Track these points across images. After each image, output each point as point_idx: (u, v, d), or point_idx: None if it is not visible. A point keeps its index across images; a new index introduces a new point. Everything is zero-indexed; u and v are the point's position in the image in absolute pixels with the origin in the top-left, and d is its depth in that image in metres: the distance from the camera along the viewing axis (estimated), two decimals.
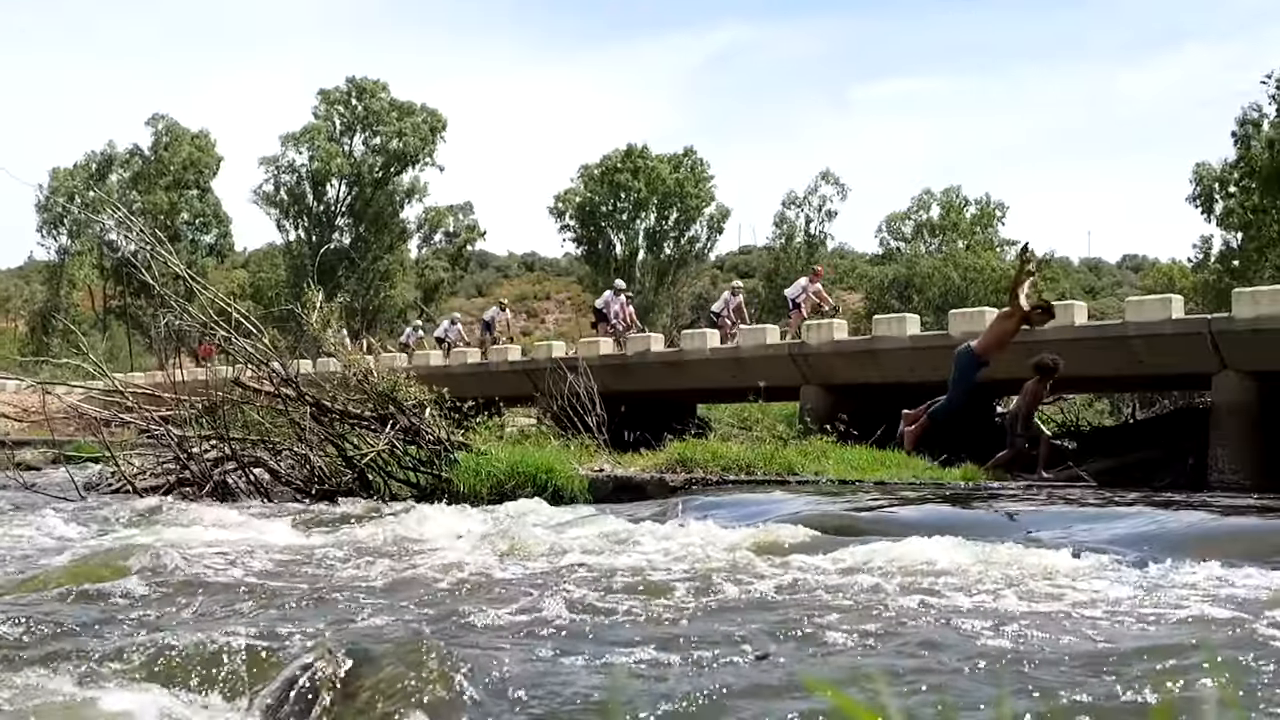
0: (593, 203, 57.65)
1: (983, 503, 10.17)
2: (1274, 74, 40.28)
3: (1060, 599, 5.14)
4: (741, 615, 4.71)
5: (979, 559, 6.22)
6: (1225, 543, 6.68)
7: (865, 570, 5.94)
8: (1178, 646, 3.98)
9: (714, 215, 59.39)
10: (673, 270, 58.62)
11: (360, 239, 58.07)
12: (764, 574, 5.89)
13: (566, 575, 5.96)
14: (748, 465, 14.52)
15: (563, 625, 4.40)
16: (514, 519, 9.95)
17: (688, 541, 7.45)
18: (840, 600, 5.09)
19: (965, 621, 4.49)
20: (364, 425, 14.83)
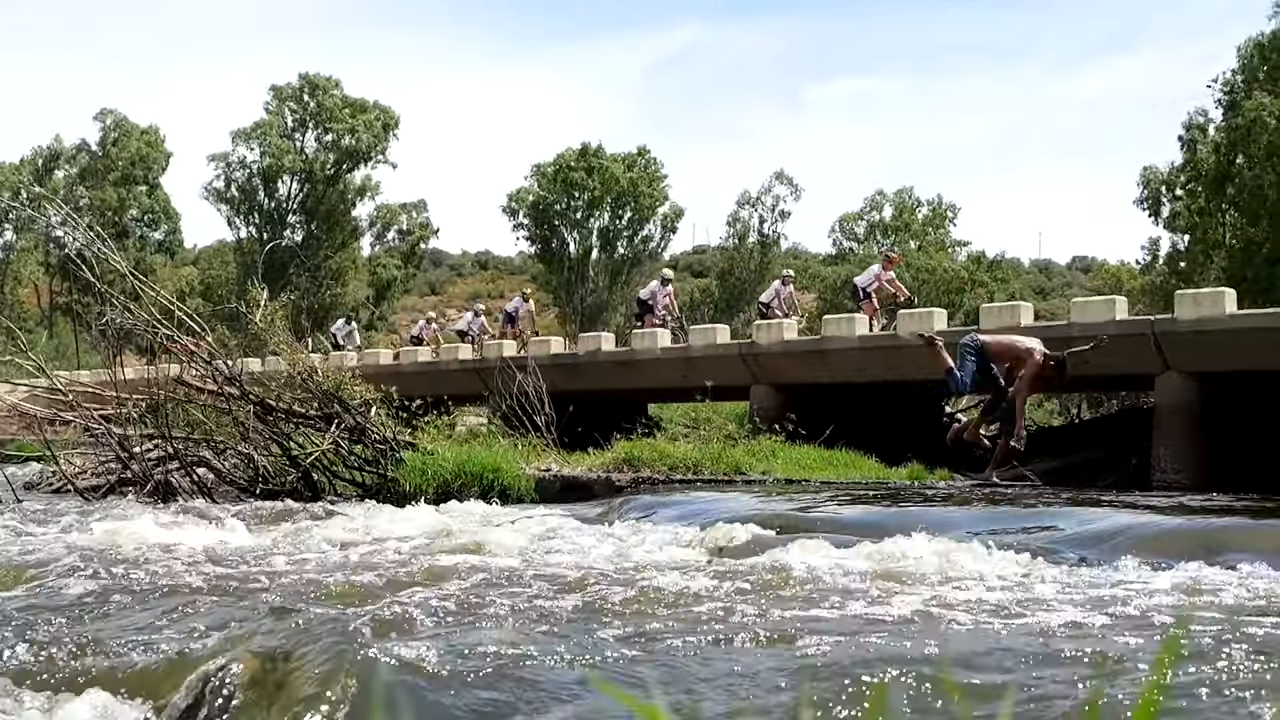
0: (546, 201, 57.50)
1: (925, 503, 10.23)
2: (1220, 78, 40.82)
3: (974, 598, 5.15)
4: (659, 613, 4.69)
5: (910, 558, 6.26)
6: (1145, 542, 6.76)
7: (796, 570, 5.95)
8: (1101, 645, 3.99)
9: (668, 215, 59.39)
10: (626, 269, 58.53)
11: (312, 236, 57.60)
12: (694, 573, 5.89)
13: (500, 575, 5.93)
14: (695, 465, 14.55)
15: (490, 625, 4.37)
16: (455, 518, 9.89)
17: (624, 541, 7.45)
18: (760, 599, 5.09)
19: (888, 620, 4.50)
20: (309, 424, 14.72)
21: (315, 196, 57.33)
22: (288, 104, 57.71)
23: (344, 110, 56.59)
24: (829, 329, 21.35)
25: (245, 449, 14.49)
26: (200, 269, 62.88)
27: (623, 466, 14.44)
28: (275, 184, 57.22)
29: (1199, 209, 41.53)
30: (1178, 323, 16.79)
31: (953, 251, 58.44)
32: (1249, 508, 9.83)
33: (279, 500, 13.27)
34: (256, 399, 14.57)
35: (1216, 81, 40.86)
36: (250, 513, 11.12)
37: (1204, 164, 41.05)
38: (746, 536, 7.70)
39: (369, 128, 56.43)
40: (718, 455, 15.08)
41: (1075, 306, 18.74)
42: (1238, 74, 40.05)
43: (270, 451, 14.57)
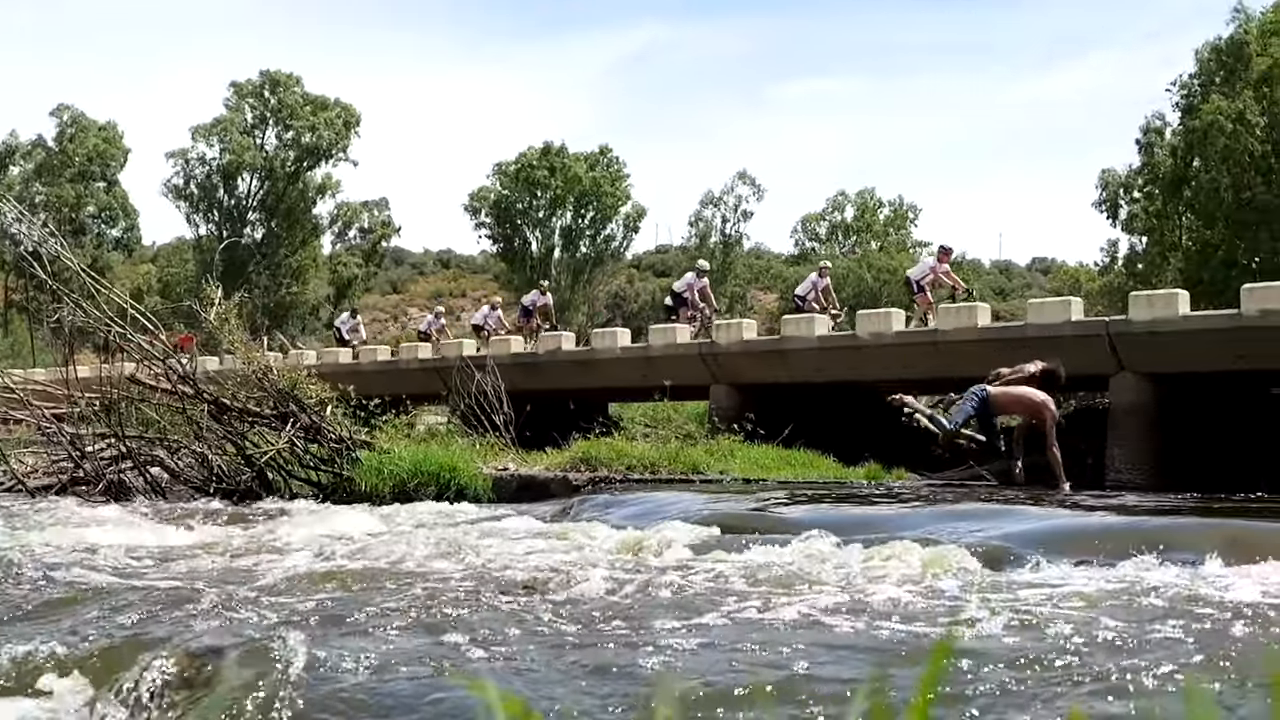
0: (508, 200, 57.39)
1: (880, 502, 10.28)
2: (1178, 82, 41.23)
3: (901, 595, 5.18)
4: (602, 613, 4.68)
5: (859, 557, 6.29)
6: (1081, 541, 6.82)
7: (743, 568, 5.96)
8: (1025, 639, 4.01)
9: (630, 214, 59.41)
10: (588, 269, 58.53)
11: (272, 234, 57.23)
12: (642, 572, 5.89)
13: (445, 574, 5.91)
14: (652, 464, 14.55)
15: (428, 624, 4.35)
16: (408, 518, 9.84)
17: (575, 541, 7.44)
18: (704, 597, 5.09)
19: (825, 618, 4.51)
20: (264, 423, 14.62)
21: (275, 194, 56.96)
22: (248, 100, 57.33)
23: (305, 107, 56.28)
24: (788, 329, 21.41)
25: (199, 448, 14.40)
26: (159, 267, 62.34)
27: (580, 466, 14.43)
28: (235, 181, 56.83)
29: (1156, 211, 41.98)
30: (1132, 324, 16.93)
31: (914, 252, 58.75)
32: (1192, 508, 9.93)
33: (234, 500, 13.20)
34: (211, 398, 14.46)
35: (1175, 85, 41.30)
36: (202, 512, 11.03)
37: (1161, 167, 41.49)
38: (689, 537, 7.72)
39: (330, 125, 56.13)
40: (675, 455, 15.08)
41: (1032, 307, 18.88)
42: (1195, 78, 40.48)
43: (225, 451, 14.48)
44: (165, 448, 14.69)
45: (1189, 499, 11.35)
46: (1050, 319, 17.87)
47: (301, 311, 58.09)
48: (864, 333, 19.94)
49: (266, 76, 57.14)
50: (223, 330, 14.93)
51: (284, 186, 56.94)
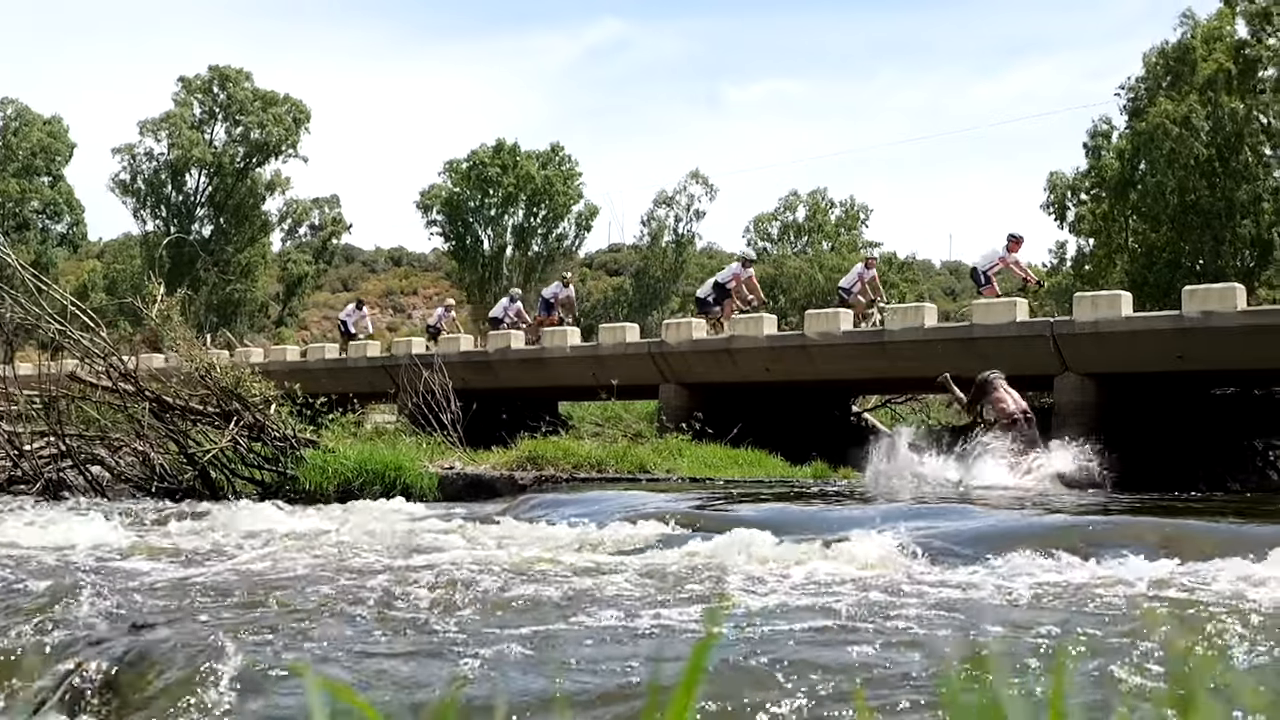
0: (460, 198, 57.16)
1: (824, 501, 10.31)
2: (1126, 85, 41.71)
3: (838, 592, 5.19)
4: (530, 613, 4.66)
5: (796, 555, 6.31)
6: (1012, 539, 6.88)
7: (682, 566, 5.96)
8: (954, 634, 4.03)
9: (582, 213, 59.37)
10: (541, 267, 58.36)
11: (220, 231, 56.69)
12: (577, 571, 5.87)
13: (378, 573, 5.86)
14: (599, 463, 14.54)
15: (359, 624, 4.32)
16: (349, 517, 9.77)
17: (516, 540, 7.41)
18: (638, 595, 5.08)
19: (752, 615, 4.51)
20: (207, 421, 14.46)
21: (224, 190, 56.41)
22: (196, 96, 56.75)
23: (254, 103, 55.79)
24: (736, 328, 21.44)
25: (141, 447, 14.22)
26: (105, 263, 61.62)
27: (526, 465, 14.39)
28: (183, 177, 56.23)
29: (1103, 214, 42.46)
30: (1075, 325, 17.09)
31: (865, 252, 59.07)
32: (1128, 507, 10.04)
33: (176, 499, 13.05)
34: (153, 395, 14.27)
35: (1124, 89, 41.80)
36: (140, 512, 10.89)
37: (1108, 170, 41.98)
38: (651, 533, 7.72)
39: (280, 121, 55.67)
40: (623, 454, 15.08)
41: (978, 308, 19.02)
42: (1143, 81, 40.97)
43: (167, 449, 14.31)
44: (106, 446, 14.48)
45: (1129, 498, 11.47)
46: (996, 320, 18.00)
47: (250, 309, 57.52)
48: (812, 333, 20.00)
49: (216, 72, 56.60)
50: (165, 327, 14.76)
51: (233, 183, 56.41)
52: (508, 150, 57.13)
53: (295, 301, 61.95)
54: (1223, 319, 15.71)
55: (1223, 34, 38.87)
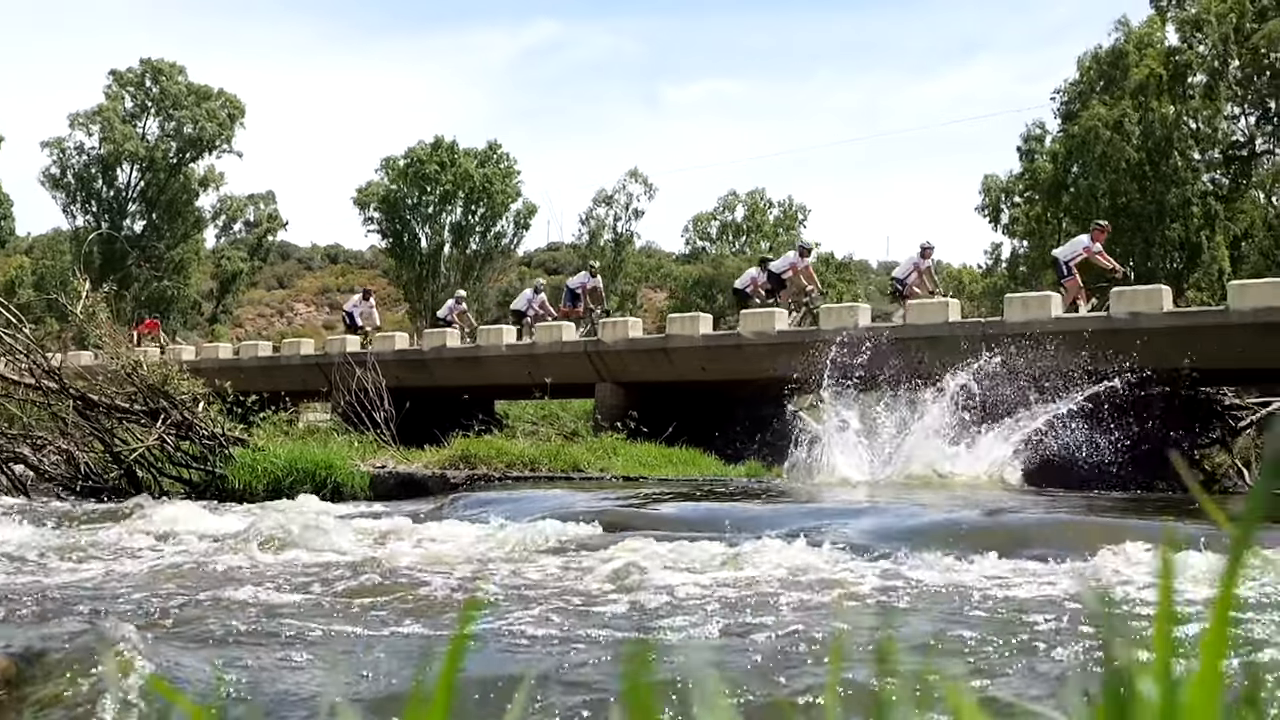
0: (397, 196, 56.77)
1: (755, 500, 10.33)
2: (1061, 89, 42.27)
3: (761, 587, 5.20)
4: (439, 613, 4.62)
5: (719, 553, 6.32)
6: (930, 537, 6.95)
7: (600, 565, 5.95)
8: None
9: (521, 211, 59.15)
10: (479, 265, 58.11)
11: (153, 227, 55.87)
12: (499, 570, 5.83)
13: (297, 573, 5.80)
14: (533, 462, 14.50)
15: (269, 623, 4.27)
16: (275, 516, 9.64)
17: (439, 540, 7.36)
18: (555, 593, 5.06)
19: (660, 612, 4.50)
20: (133, 420, 14.25)
21: (157, 185, 55.60)
22: (128, 89, 55.90)
23: (188, 97, 55.05)
24: (673, 327, 21.46)
25: (65, 445, 13.98)
26: (33, 259, 60.52)
27: (459, 463, 14.32)
28: (114, 172, 55.35)
29: (1036, 216, 42.99)
30: (1006, 325, 17.26)
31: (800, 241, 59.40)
32: (1048, 508, 10.16)
33: (102, 499, 12.85)
34: (77, 393, 14.05)
35: (1059, 93, 42.35)
36: (61, 511, 10.69)
37: (1041, 172, 42.51)
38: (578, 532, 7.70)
39: (214, 116, 54.97)
40: (556, 453, 15.06)
41: (912, 308, 19.15)
42: (1077, 85, 41.51)
43: (92, 448, 14.09)
44: (30, 445, 14.23)
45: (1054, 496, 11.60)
46: (930, 319, 18.15)
47: (183, 306, 56.77)
48: (747, 332, 20.06)
49: (148, 65, 55.77)
50: (90, 324, 14.52)
51: (165, 178, 55.61)
52: (446, 148, 56.80)
53: (230, 299, 61.24)
54: (1149, 320, 15.93)
55: (1154, 40, 39.49)
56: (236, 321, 62.04)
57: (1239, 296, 16.27)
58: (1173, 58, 38.93)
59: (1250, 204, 39.61)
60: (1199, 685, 0.49)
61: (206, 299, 58.91)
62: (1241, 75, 39.07)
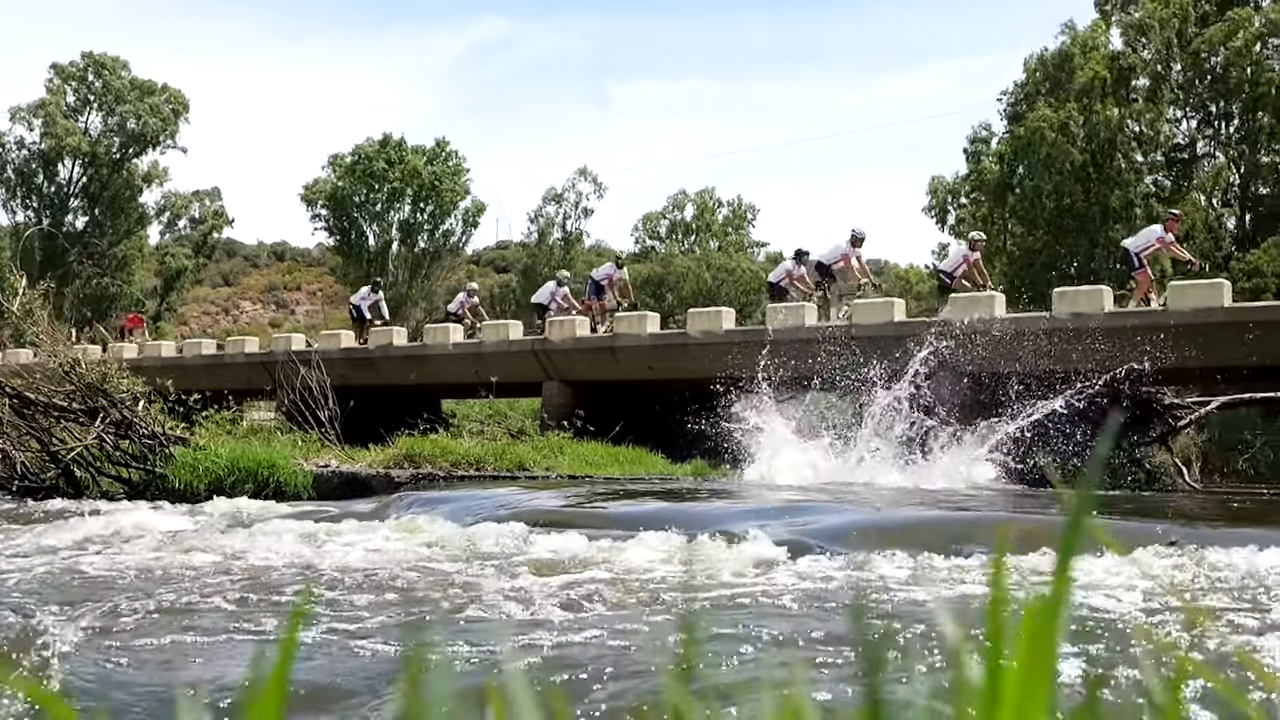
0: (345, 193, 56.34)
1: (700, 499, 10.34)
2: (1009, 90, 42.64)
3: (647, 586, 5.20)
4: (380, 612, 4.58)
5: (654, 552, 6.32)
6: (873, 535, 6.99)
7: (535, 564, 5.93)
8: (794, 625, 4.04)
9: (469, 209, 58.86)
10: (427, 263, 57.80)
11: (95, 223, 55.09)
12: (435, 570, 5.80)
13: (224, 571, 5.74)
14: (478, 461, 14.44)
15: (188, 621, 4.22)
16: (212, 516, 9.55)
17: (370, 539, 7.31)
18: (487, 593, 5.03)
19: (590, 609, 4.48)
20: (71, 418, 14.04)
21: (99, 181, 54.84)
22: (70, 83, 55.09)
23: (131, 92, 54.31)
24: (620, 326, 21.45)
25: (1, 444, 13.76)
26: None
27: (404, 462, 14.23)
28: (56, 167, 54.53)
29: (983, 217, 43.34)
30: (951, 325, 17.37)
31: (752, 252, 59.60)
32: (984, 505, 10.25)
33: (39, 498, 12.67)
34: (13, 391, 13.82)
35: (1007, 94, 42.73)
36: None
37: (987, 173, 42.89)
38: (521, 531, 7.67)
39: (157, 111, 54.26)
40: (502, 452, 15.00)
41: (858, 308, 19.24)
42: (1023, 87, 41.92)
43: (29, 447, 13.87)
44: None
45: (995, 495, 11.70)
46: (876, 319, 18.24)
47: (126, 304, 56.01)
48: (694, 331, 20.08)
49: (90, 59, 55.01)
50: (27, 321, 14.29)
51: (108, 174, 54.85)
52: (394, 145, 56.45)
53: (174, 296, 60.47)
54: (1090, 320, 16.10)
55: (1099, 44, 39.95)
56: (181, 319, 61.35)
57: (1178, 298, 16.49)
58: (1117, 61, 39.40)
59: (1191, 206, 40.12)
60: (1021, 675, 0.48)
61: (150, 297, 58.13)
62: (1183, 79, 39.62)
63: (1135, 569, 5.46)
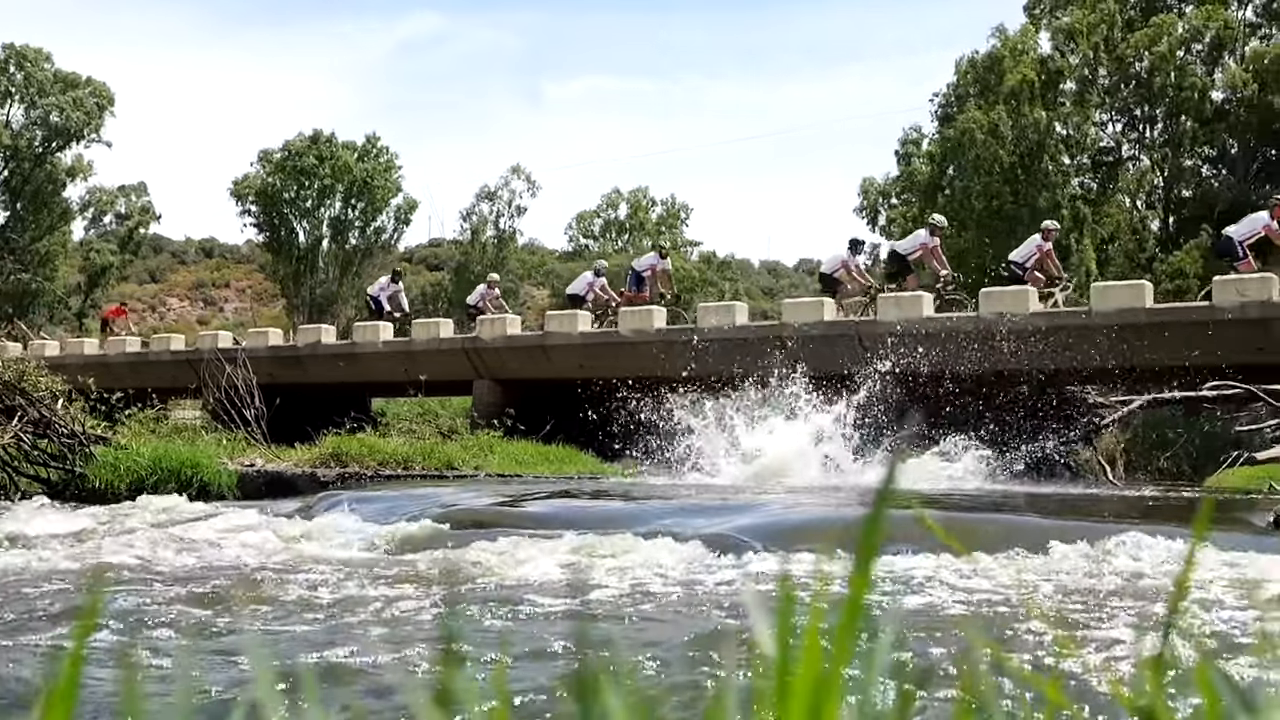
0: (274, 189, 55.66)
1: (619, 498, 10.32)
2: (941, 93, 43.05)
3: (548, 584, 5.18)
4: (292, 613, 4.50)
5: (571, 551, 6.31)
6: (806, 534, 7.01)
7: (443, 564, 5.89)
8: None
9: (401, 206, 58.36)
10: (358, 261, 57.25)
11: (16, 218, 53.97)
12: (346, 570, 5.73)
13: (137, 572, 5.62)
14: (406, 460, 14.32)
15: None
16: (127, 516, 9.38)
17: (285, 538, 7.21)
18: (394, 594, 4.97)
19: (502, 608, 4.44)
20: None
21: (21, 175, 53.74)
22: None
23: (54, 85, 53.26)
24: (551, 325, 21.39)
25: None
26: None
27: (330, 462, 14.09)
28: None
29: (913, 217, 43.72)
30: (879, 325, 17.50)
31: (685, 251, 59.72)
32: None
33: None
34: None
35: (939, 96, 43.15)
36: None
37: (918, 174, 43.31)
38: (438, 531, 7.62)
39: (81, 105, 53.26)
40: (430, 451, 14.89)
41: (787, 308, 19.33)
42: (954, 89, 42.34)
43: None
44: None
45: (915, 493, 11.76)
46: (806, 318, 18.32)
47: (49, 300, 54.95)
48: (626, 330, 20.06)
49: (11, 51, 53.87)
50: None
51: (30, 168, 53.74)
52: (324, 141, 55.88)
53: (99, 293, 59.38)
54: (1016, 320, 16.28)
55: (1028, 48, 40.44)
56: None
57: (1101, 298, 16.72)
58: (1045, 65, 39.91)
59: (1116, 208, 40.80)
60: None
61: (74, 293, 57.07)
62: (1109, 84, 40.24)
63: (976, 565, 5.54)
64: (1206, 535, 6.72)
